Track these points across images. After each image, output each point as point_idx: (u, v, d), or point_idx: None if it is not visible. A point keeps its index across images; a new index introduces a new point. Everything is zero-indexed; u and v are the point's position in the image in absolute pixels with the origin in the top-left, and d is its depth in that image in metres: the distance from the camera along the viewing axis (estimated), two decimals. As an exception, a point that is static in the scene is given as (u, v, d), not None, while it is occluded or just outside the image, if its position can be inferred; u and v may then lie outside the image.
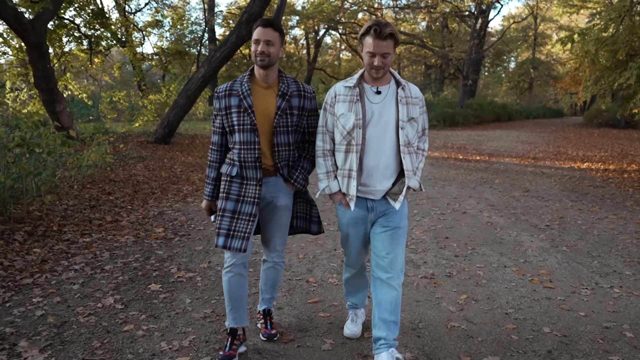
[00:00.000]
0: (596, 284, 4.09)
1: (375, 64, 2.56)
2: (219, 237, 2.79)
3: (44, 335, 3.12)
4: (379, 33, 2.50)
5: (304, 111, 2.85)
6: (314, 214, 3.04)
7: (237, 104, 2.75)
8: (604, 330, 3.25)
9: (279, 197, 2.89)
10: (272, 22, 2.71)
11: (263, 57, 2.68)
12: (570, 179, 9.73)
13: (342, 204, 2.79)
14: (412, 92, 2.74)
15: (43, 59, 13.33)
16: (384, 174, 2.68)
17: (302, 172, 2.91)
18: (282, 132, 2.78)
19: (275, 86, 2.81)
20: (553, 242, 5.27)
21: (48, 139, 6.28)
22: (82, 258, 4.63)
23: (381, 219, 2.76)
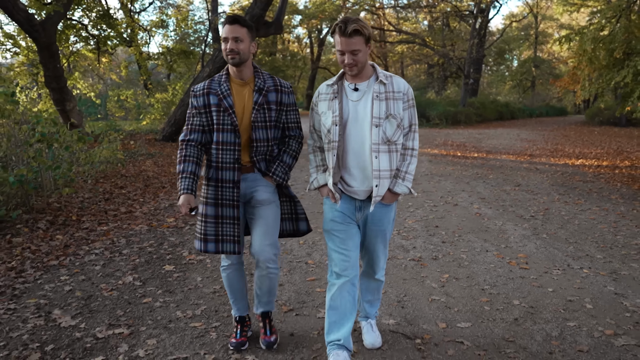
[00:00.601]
0: (568, 265, 4.51)
1: (346, 62, 2.51)
2: (207, 243, 2.77)
3: (74, 306, 3.56)
4: (344, 30, 2.45)
5: (282, 106, 2.81)
6: (299, 211, 3.00)
7: (216, 102, 2.72)
8: (567, 302, 3.67)
9: (258, 191, 2.82)
10: (237, 18, 2.66)
11: (233, 54, 2.64)
12: (563, 174, 10.12)
13: (330, 197, 2.75)
14: (395, 87, 2.62)
15: (53, 58, 13.81)
16: (364, 174, 2.63)
17: (281, 165, 2.85)
18: (260, 127, 2.75)
19: (252, 82, 2.79)
20: (535, 231, 5.69)
21: (65, 135, 6.73)
22: (101, 244, 5.07)
23: (368, 222, 2.75)
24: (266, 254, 2.78)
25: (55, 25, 13.58)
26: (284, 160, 2.86)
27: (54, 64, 13.72)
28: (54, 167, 6.14)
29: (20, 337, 3.10)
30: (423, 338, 3.12)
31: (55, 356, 2.87)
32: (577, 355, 2.92)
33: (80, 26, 15.65)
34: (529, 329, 3.26)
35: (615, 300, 3.71)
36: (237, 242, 2.76)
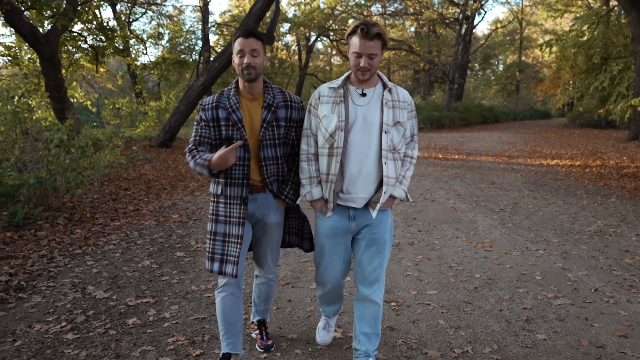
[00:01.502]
0: (526, 248, 5.22)
1: (362, 65, 2.47)
2: (213, 262, 2.71)
3: (103, 283, 4.21)
4: (366, 33, 2.40)
5: (291, 122, 2.74)
6: (305, 231, 2.94)
7: (225, 116, 2.64)
8: (520, 275, 4.37)
9: (269, 215, 2.77)
10: (254, 31, 2.59)
11: (250, 69, 2.57)
12: (536, 173, 10.87)
13: (323, 211, 2.69)
14: (400, 96, 2.63)
15: (55, 69, 14.40)
16: (366, 181, 2.58)
17: (293, 187, 2.78)
18: (268, 146, 2.67)
19: (261, 97, 2.70)
20: (502, 221, 6.40)
21: (80, 141, 7.36)
22: (117, 236, 5.71)
23: (365, 231, 2.67)
24: (268, 269, 2.93)
25: (57, 38, 14.18)
26: (295, 181, 2.79)
27: (55, 74, 14.31)
28: (70, 170, 6.76)
29: (64, 305, 3.74)
30: (397, 302, 3.80)
31: (97, 318, 3.52)
32: (521, 311, 3.61)
33: (80, 38, 16.25)
34: (485, 294, 3.95)
35: (561, 273, 4.42)
36: (236, 264, 2.65)
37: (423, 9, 36.67)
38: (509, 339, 3.19)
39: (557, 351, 3.03)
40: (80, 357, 2.97)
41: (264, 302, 3.09)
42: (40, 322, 3.45)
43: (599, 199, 7.89)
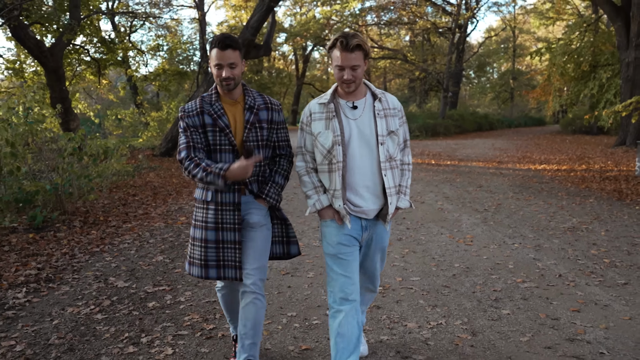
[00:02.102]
0: (504, 242, 5.74)
1: (345, 78, 2.47)
2: (208, 269, 2.69)
3: (123, 275, 4.72)
4: (346, 45, 2.42)
5: (273, 124, 2.76)
6: (290, 234, 2.90)
7: (211, 122, 2.63)
8: (495, 265, 4.90)
9: (251, 214, 2.73)
10: (229, 42, 2.54)
11: (229, 82, 2.57)
12: (523, 177, 11.41)
13: (335, 219, 2.63)
14: (390, 103, 2.64)
15: (60, 81, 14.97)
16: (373, 192, 2.59)
17: (274, 186, 2.76)
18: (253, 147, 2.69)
19: (242, 101, 2.71)
20: (485, 220, 6.93)
21: (91, 149, 7.88)
22: (130, 236, 6.22)
23: (372, 240, 2.72)
24: (252, 278, 2.66)
25: (62, 51, 14.76)
26: (277, 181, 2.78)
27: (60, 86, 14.86)
28: (84, 177, 7.27)
29: (90, 293, 4.25)
30: (384, 287, 4.32)
31: (121, 303, 4.03)
32: (491, 292, 4.13)
33: (83, 51, 16.83)
34: (462, 280, 4.47)
35: (532, 263, 4.94)
36: (239, 268, 2.67)
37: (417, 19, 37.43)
38: (478, 314, 3.71)
39: (518, 322, 3.55)
40: (110, 332, 3.48)
41: (251, 331, 2.66)
42: (72, 306, 3.96)
43: (578, 199, 8.42)
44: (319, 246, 5.65)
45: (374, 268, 2.82)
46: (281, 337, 3.37)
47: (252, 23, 14.01)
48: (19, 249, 5.50)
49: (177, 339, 3.36)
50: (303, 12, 41.71)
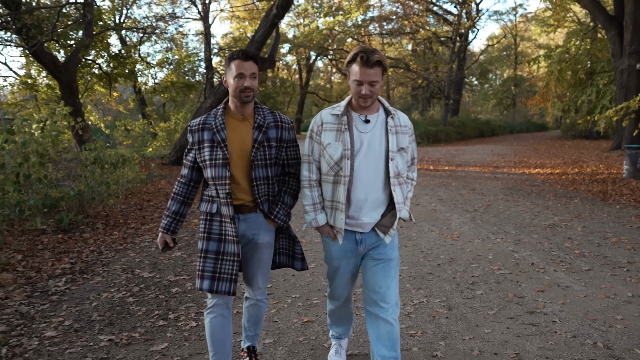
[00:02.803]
0: (487, 237, 6.34)
1: (363, 93, 2.49)
2: (203, 280, 2.71)
3: (147, 268, 5.35)
4: (366, 61, 2.44)
5: (282, 142, 2.76)
6: (297, 251, 2.95)
7: (210, 137, 2.67)
8: (476, 256, 5.50)
9: (259, 234, 2.78)
10: (252, 55, 2.64)
11: (249, 92, 2.61)
12: (516, 181, 11.99)
13: (330, 236, 2.71)
14: (402, 121, 2.68)
15: (73, 95, 15.69)
16: (372, 206, 2.62)
17: (283, 207, 2.80)
18: (260, 166, 2.69)
19: (251, 118, 2.73)
20: (473, 219, 7.53)
21: (111, 158, 8.54)
22: (149, 236, 6.85)
23: (372, 252, 2.69)
24: (259, 290, 2.89)
25: (75, 66, 15.48)
26: (285, 202, 2.81)
27: (73, 99, 15.58)
28: (105, 184, 7.93)
29: (120, 282, 4.88)
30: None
31: (148, 289, 4.65)
32: (469, 277, 4.74)
33: (95, 65, 17.59)
34: (445, 268, 5.07)
35: (510, 254, 5.54)
36: (234, 282, 2.68)
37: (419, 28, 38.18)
38: (455, 294, 4.32)
39: (489, 300, 4.15)
40: (142, 310, 4.10)
41: (254, 326, 3.02)
42: (106, 292, 4.59)
43: (564, 200, 9.00)
44: (319, 242, 6.25)
45: (375, 283, 2.65)
46: (287, 313, 3.99)
47: (257, 37, 14.69)
48: (51, 247, 6.14)
49: (199, 315, 3.98)
50: (306, 24, 42.49)
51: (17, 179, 7.22)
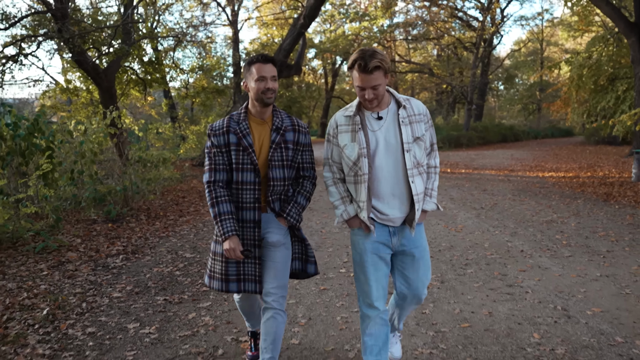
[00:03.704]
0: (487, 230, 7.08)
1: (367, 97, 2.52)
2: (229, 283, 2.77)
3: (188, 250, 6.24)
4: (364, 67, 2.44)
5: (299, 146, 2.81)
6: (309, 254, 2.96)
7: (235, 141, 2.69)
8: (474, 244, 6.25)
9: (271, 233, 2.80)
10: (272, 58, 2.71)
11: (270, 94, 2.66)
12: (527, 183, 12.62)
13: (362, 227, 2.69)
14: (415, 109, 2.66)
15: (112, 99, 16.81)
16: (400, 200, 2.62)
17: (296, 206, 2.82)
18: (277, 167, 2.73)
19: (270, 121, 2.78)
20: (478, 215, 8.26)
21: (153, 158, 9.51)
22: (187, 226, 7.76)
23: (406, 247, 2.71)
24: (272, 296, 2.78)
25: (114, 72, 16.62)
26: (299, 202, 2.84)
27: (112, 103, 16.69)
28: (146, 181, 8.88)
29: (167, 260, 5.78)
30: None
31: (191, 265, 5.54)
32: (464, 260, 5.51)
33: (132, 71, 18.74)
34: (444, 253, 5.85)
35: (504, 244, 6.29)
36: (259, 282, 2.77)
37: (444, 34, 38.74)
38: (449, 272, 5.10)
39: (476, 276, 4.92)
40: (187, 280, 4.99)
41: (270, 346, 2.76)
42: (156, 267, 5.49)
43: (568, 200, 9.65)
44: (338, 232, 7.08)
45: (417, 277, 2.75)
46: (307, 283, 4.83)
47: (285, 46, 15.61)
48: (104, 234, 7.09)
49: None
50: (332, 29, 43.37)
51: (72, 175, 8.22)
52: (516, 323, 3.77)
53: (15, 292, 4.58)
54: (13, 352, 3.38)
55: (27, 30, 16.03)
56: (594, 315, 3.88)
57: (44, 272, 5.24)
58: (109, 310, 4.21)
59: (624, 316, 3.85)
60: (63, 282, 4.94)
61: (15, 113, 7.52)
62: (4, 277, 5.01)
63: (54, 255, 5.87)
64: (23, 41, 15.27)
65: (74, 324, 3.88)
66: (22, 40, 15.20)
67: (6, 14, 14.19)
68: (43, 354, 3.36)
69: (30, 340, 3.55)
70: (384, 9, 33.11)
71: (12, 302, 4.28)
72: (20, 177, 7.91)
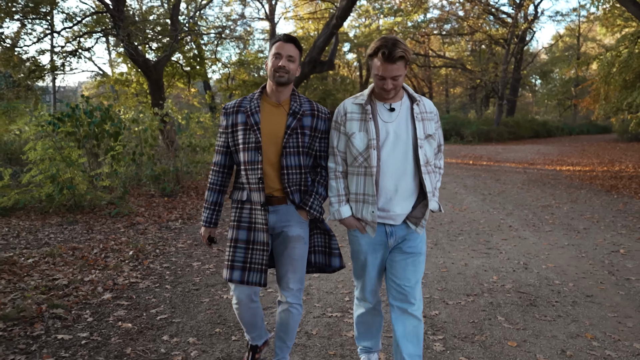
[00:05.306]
0: (487, 210, 8.19)
1: (386, 87, 2.43)
2: (233, 271, 2.64)
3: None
4: (388, 56, 2.35)
5: (316, 132, 2.68)
6: (333, 246, 2.80)
7: (244, 120, 2.61)
8: (471, 220, 7.39)
9: (290, 227, 2.68)
10: (294, 38, 2.61)
11: (282, 72, 2.55)
12: (542, 175, 13.55)
13: (358, 228, 2.63)
14: (427, 107, 2.61)
15: (160, 90, 18.35)
16: (403, 197, 2.53)
17: (317, 197, 2.69)
18: (291, 154, 2.61)
19: (287, 105, 2.66)
20: (484, 199, 9.36)
21: (201, 143, 10.89)
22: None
23: (402, 244, 2.62)
24: (290, 291, 2.76)
25: (163, 66, 18.14)
26: (320, 193, 2.70)
27: (160, 94, 18.24)
28: (194, 163, 10.27)
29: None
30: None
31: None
32: (459, 231, 6.67)
33: (177, 65, 20.29)
34: (444, 225, 7.01)
35: (498, 220, 7.40)
36: (264, 272, 2.64)
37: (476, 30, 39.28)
38: (444, 238, 6.28)
39: (464, 241, 6.09)
40: (233, 239, 6.30)
41: (284, 334, 2.86)
42: (208, 229, 6.83)
43: (572, 190, 10.61)
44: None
45: (404, 277, 2.61)
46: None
47: (319, 44, 16.81)
48: (162, 205, 8.48)
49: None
50: (367, 24, 44.31)
51: (133, 157, 9.67)
52: (483, 270, 4.95)
53: (104, 241, 5.98)
54: (115, 274, 4.75)
55: (86, 27, 17.67)
56: (546, 269, 5.02)
57: (121, 229, 6.64)
58: (177, 254, 5.56)
59: (570, 270, 4.98)
60: (137, 236, 6.32)
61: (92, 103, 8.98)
62: (92, 231, 6.44)
63: (126, 219, 7.27)
64: (82, 37, 16.94)
65: (152, 261, 5.24)
66: (82, 37, 16.85)
67: (70, 14, 15.86)
68: (136, 276, 4.72)
69: (125, 268, 4.92)
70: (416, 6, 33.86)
71: (105, 246, 5.68)
72: (93, 157, 9.41)
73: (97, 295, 4.24)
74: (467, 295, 4.30)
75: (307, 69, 17.08)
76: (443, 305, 4.08)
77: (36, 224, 6.83)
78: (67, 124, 8.85)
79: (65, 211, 7.56)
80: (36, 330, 3.52)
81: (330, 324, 3.72)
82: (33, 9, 16.05)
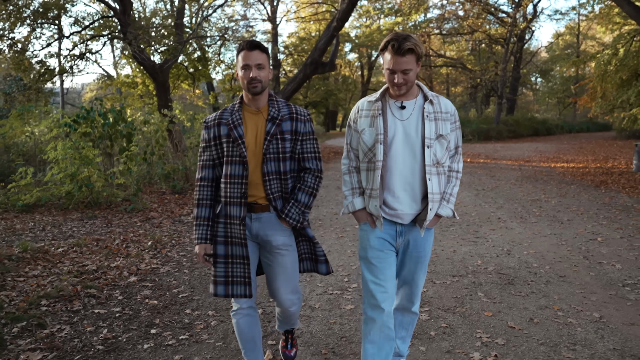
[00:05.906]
0: (479, 204, 8.70)
1: (396, 82, 2.42)
2: (217, 286, 2.63)
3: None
4: (397, 49, 2.36)
5: (297, 135, 2.62)
6: (318, 253, 2.77)
7: (226, 133, 2.56)
8: (463, 213, 7.90)
9: (274, 235, 2.63)
10: (257, 44, 2.51)
11: (255, 83, 2.49)
12: (535, 172, 14.04)
13: (368, 222, 2.60)
14: (443, 107, 2.56)
15: (166, 92, 18.89)
16: (412, 197, 2.52)
17: (295, 205, 2.62)
18: (272, 160, 2.57)
19: (265, 111, 2.60)
20: (477, 194, 9.86)
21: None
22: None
23: (409, 247, 2.62)
24: (288, 302, 2.77)
25: (169, 68, 18.68)
26: (299, 200, 2.64)
27: (166, 96, 18.78)
28: (203, 161, 10.81)
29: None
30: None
31: (243, 222, 7.39)
32: (451, 223, 7.18)
33: (182, 67, 20.84)
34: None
35: (488, 213, 7.91)
36: (248, 284, 2.61)
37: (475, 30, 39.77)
38: (436, 229, 6.78)
39: (455, 232, 6.61)
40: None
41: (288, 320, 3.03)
42: (218, 223, 7.36)
43: (563, 185, 11.11)
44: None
45: (411, 280, 2.69)
46: (330, 233, 6.60)
47: (320, 45, 17.33)
48: (173, 201, 9.01)
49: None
50: (368, 24, 44.81)
51: (145, 156, 10.20)
52: (469, 256, 5.48)
53: (124, 233, 6.52)
54: (138, 261, 5.28)
55: (93, 31, 18.22)
56: (527, 254, 5.54)
57: (137, 223, 7.18)
58: (191, 245, 6.09)
59: (549, 255, 5.50)
60: (154, 229, 6.86)
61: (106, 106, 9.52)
62: (111, 225, 6.98)
63: (141, 214, 7.81)
64: (90, 41, 17.50)
65: (170, 250, 5.78)
66: (90, 40, 17.41)
67: (78, 19, 16.41)
68: (156, 262, 5.27)
69: (145, 256, 5.47)
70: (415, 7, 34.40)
71: (125, 237, 6.22)
72: (107, 157, 9.96)
73: (123, 279, 4.78)
74: (453, 276, 4.82)
75: (309, 70, 17.61)
76: (431, 284, 4.61)
77: (58, 219, 7.38)
78: (82, 126, 9.39)
79: (83, 207, 8.10)
80: (75, 306, 4.06)
81: (331, 300, 4.25)
82: (42, 14, 16.63)
